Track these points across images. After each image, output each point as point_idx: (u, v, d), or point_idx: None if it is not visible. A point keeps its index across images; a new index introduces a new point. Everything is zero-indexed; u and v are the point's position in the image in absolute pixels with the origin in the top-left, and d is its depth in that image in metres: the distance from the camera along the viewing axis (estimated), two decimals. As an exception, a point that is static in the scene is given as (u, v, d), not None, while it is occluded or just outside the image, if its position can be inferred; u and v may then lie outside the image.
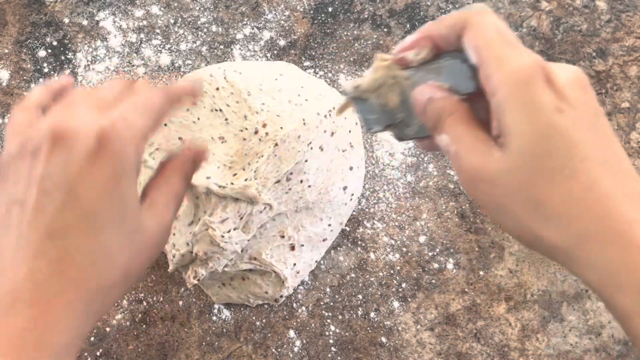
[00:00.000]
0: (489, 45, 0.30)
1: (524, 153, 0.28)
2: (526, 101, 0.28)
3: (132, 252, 0.31)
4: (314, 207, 0.53)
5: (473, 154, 0.30)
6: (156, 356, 0.55)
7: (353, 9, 0.67)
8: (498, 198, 0.30)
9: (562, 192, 0.28)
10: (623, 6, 0.66)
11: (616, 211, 0.27)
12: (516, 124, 0.28)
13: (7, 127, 0.33)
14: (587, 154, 0.28)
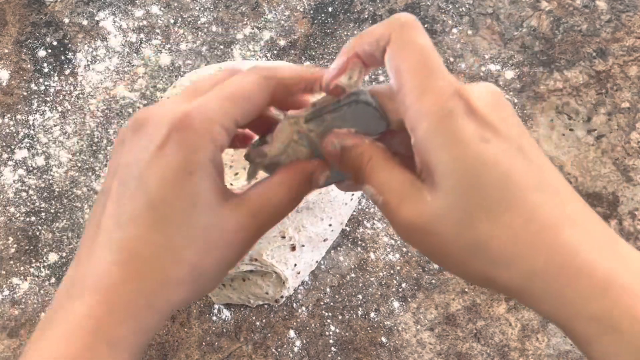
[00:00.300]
0: (409, 71, 0.27)
1: (455, 193, 0.26)
2: (449, 136, 0.26)
3: (201, 249, 0.29)
4: (315, 207, 0.53)
5: (403, 202, 0.28)
6: (156, 356, 0.55)
7: (353, 9, 0.67)
8: (438, 246, 0.27)
9: (502, 229, 0.26)
10: (623, 6, 0.66)
11: (560, 240, 0.25)
12: (442, 163, 0.26)
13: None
14: (520, 181, 0.26)
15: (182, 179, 0.28)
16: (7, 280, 0.57)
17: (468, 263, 0.27)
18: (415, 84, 0.27)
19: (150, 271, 0.28)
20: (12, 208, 0.60)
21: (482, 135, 0.26)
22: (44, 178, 0.61)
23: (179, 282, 0.29)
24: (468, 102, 0.26)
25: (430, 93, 0.26)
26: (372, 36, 0.29)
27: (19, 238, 0.58)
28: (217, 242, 0.29)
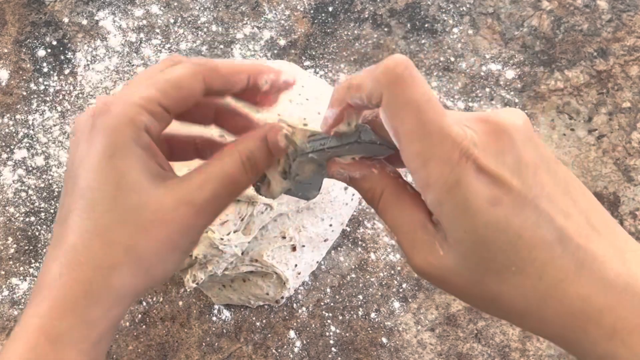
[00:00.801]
0: (408, 135, 0.26)
1: (467, 257, 0.27)
2: (458, 206, 0.26)
3: (133, 230, 0.29)
4: (315, 208, 0.53)
5: (415, 249, 0.28)
6: (156, 356, 0.55)
7: (353, 9, 0.66)
8: (453, 292, 0.29)
9: (512, 289, 0.27)
10: (624, 6, 0.66)
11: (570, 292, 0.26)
12: (453, 228, 0.26)
13: None
14: (531, 240, 0.26)
15: (104, 164, 0.29)
16: (7, 281, 0.57)
17: (483, 309, 0.29)
18: (417, 150, 0.26)
19: (84, 259, 0.29)
20: (11, 208, 0.59)
21: (493, 197, 0.26)
22: (44, 178, 0.60)
23: (113, 265, 0.29)
24: (476, 161, 0.26)
25: (434, 162, 0.26)
26: (362, 91, 0.28)
27: (18, 238, 0.58)
28: (151, 221, 0.29)
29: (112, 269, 0.29)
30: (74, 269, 0.29)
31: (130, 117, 0.29)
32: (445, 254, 0.27)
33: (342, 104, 0.29)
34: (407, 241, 0.29)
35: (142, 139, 0.29)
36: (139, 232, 0.29)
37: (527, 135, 0.27)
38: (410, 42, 0.65)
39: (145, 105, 0.29)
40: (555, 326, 0.27)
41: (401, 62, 0.26)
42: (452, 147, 0.26)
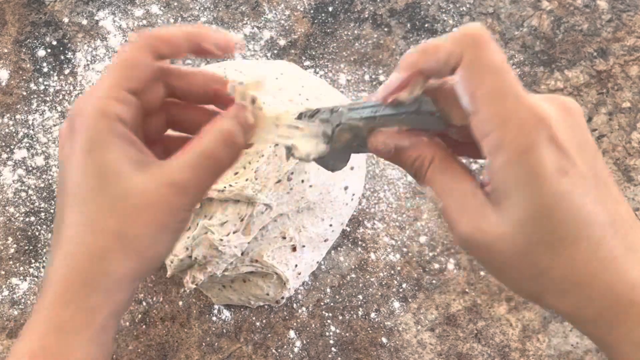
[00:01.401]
0: (487, 95, 0.27)
1: (524, 224, 0.27)
2: (529, 171, 0.26)
3: (121, 215, 0.30)
4: (315, 208, 0.53)
5: (465, 214, 0.28)
6: (156, 357, 0.55)
7: (353, 9, 0.66)
8: (494, 263, 0.28)
9: (564, 262, 0.27)
10: (624, 6, 0.66)
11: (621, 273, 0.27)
12: (517, 194, 0.26)
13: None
14: (589, 215, 0.27)
15: (86, 159, 0.30)
16: (7, 281, 0.57)
17: (524, 284, 0.28)
18: (494, 112, 0.26)
19: (78, 250, 0.30)
20: (11, 208, 0.59)
21: (561, 167, 0.26)
22: (44, 178, 0.60)
23: (105, 252, 0.30)
24: (550, 130, 0.26)
25: (511, 124, 0.26)
26: (440, 53, 0.28)
27: (18, 238, 0.58)
28: (137, 205, 0.30)
29: (105, 256, 0.30)
30: (71, 260, 0.30)
31: (101, 111, 0.30)
32: (499, 221, 0.27)
33: (413, 69, 0.29)
34: (456, 206, 0.29)
35: (117, 129, 0.30)
36: (126, 217, 0.30)
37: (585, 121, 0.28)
38: (410, 42, 0.65)
39: (111, 94, 0.31)
40: (598, 306, 0.27)
41: (481, 27, 0.27)
42: (529, 113, 0.26)
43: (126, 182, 0.30)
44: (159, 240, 0.31)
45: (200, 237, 0.49)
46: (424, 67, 0.28)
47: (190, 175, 0.31)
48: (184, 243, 0.50)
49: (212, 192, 0.49)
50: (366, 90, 0.63)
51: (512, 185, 0.27)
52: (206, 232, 0.49)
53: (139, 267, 0.31)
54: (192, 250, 0.50)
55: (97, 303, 0.30)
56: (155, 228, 0.30)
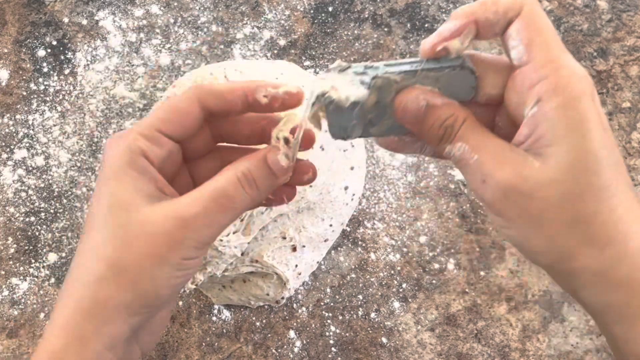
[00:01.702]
0: (544, 44, 0.28)
1: (572, 167, 0.27)
2: (579, 116, 0.27)
3: (119, 245, 0.29)
4: (315, 208, 0.53)
5: (504, 163, 0.28)
6: (156, 356, 0.55)
7: (353, 9, 0.66)
8: (534, 212, 0.28)
9: (606, 210, 0.27)
10: (624, 6, 0.66)
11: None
12: (567, 138, 0.27)
13: None
14: (623, 173, 0.28)
15: (100, 189, 0.31)
16: (7, 281, 0.57)
17: (562, 235, 0.28)
18: (551, 58, 0.28)
19: (76, 276, 0.30)
20: (11, 208, 0.59)
21: (603, 124, 0.28)
22: (44, 178, 0.60)
23: (98, 279, 0.30)
24: (592, 87, 0.28)
25: (564, 71, 0.27)
26: (499, 5, 0.29)
27: (18, 238, 0.58)
28: (136, 235, 0.29)
29: (97, 283, 0.29)
30: (70, 287, 0.30)
31: (126, 145, 0.31)
32: (545, 167, 0.27)
33: (469, 18, 0.29)
34: (493, 157, 0.29)
35: (137, 163, 0.31)
36: (123, 246, 0.30)
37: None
38: (410, 42, 0.65)
39: (142, 131, 0.31)
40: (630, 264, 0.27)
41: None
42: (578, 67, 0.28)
43: (133, 212, 0.30)
44: (155, 273, 0.30)
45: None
46: (482, 17, 0.29)
47: (199, 209, 0.30)
48: (184, 243, 0.50)
49: None
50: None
51: (562, 129, 0.27)
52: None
53: (132, 299, 0.30)
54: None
55: (90, 332, 0.29)
56: (151, 259, 0.30)
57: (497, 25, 0.29)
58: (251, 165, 0.31)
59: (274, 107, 0.33)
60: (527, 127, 0.28)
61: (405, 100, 0.31)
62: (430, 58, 0.31)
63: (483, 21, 0.29)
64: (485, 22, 0.29)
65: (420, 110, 0.30)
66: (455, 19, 0.30)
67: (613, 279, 0.28)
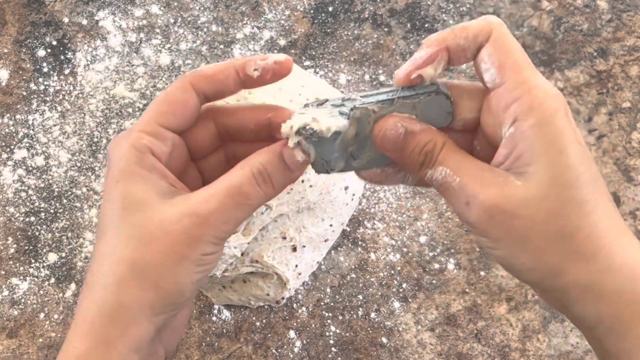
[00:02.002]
0: (515, 65, 0.29)
1: (553, 183, 0.27)
2: (556, 132, 0.28)
3: (137, 244, 0.29)
4: (316, 208, 0.53)
5: (486, 184, 0.28)
6: (156, 357, 0.55)
7: (353, 9, 0.66)
8: (520, 230, 0.28)
9: (589, 224, 0.28)
10: (624, 6, 0.66)
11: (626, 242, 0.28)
12: (544, 154, 0.27)
13: None
14: (602, 187, 0.28)
15: (111, 191, 0.30)
16: (7, 281, 0.57)
17: (548, 252, 0.28)
18: (523, 79, 0.28)
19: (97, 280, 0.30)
20: (11, 208, 0.59)
21: (578, 139, 0.28)
22: (44, 178, 0.60)
23: (120, 281, 0.29)
24: (565, 104, 0.29)
25: (539, 89, 0.28)
26: (468, 31, 0.30)
27: (18, 238, 0.58)
28: (154, 234, 0.29)
29: (119, 285, 0.29)
30: (90, 291, 0.30)
31: (131, 144, 0.30)
32: (526, 185, 0.28)
33: (440, 45, 0.30)
34: (476, 180, 0.29)
35: (147, 161, 0.30)
36: (142, 246, 0.29)
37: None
38: (410, 42, 0.65)
39: (144, 128, 0.31)
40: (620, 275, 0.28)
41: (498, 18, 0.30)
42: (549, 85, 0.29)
43: (148, 211, 0.30)
44: (177, 271, 0.30)
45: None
46: (453, 44, 0.30)
47: (215, 206, 0.30)
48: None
49: None
50: (366, 90, 0.63)
51: (539, 147, 0.27)
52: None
53: (156, 299, 0.30)
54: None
55: (114, 336, 0.29)
56: (171, 257, 0.30)
57: (469, 51, 0.30)
58: (266, 161, 0.31)
59: (266, 79, 0.33)
60: (506, 147, 0.29)
61: (384, 128, 0.31)
62: (405, 86, 0.31)
63: (454, 47, 0.30)
64: (457, 48, 0.30)
65: (399, 137, 0.30)
66: (428, 47, 0.30)
67: (602, 291, 0.28)
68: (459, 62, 0.31)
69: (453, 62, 0.31)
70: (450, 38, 0.30)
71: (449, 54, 0.30)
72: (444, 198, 0.31)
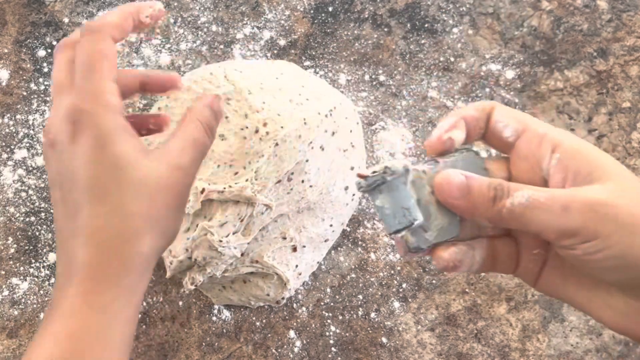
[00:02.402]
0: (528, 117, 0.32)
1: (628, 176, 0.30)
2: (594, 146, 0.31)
3: (145, 199, 0.32)
4: (316, 208, 0.53)
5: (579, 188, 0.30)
6: (156, 356, 0.55)
7: (353, 9, 0.66)
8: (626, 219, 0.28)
9: None
10: (624, 6, 0.66)
11: None
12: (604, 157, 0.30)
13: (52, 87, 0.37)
14: None
15: (100, 155, 0.32)
16: (7, 281, 0.57)
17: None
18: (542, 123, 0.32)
19: (109, 235, 0.32)
20: (11, 208, 0.59)
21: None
22: (44, 178, 0.60)
23: (137, 234, 0.32)
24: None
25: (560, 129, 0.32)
26: (477, 105, 0.34)
27: (18, 238, 0.58)
28: (157, 189, 0.33)
29: (137, 238, 0.33)
30: (103, 247, 0.32)
31: (106, 107, 0.33)
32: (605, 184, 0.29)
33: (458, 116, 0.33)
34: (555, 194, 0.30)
35: (121, 122, 0.33)
36: (150, 201, 0.33)
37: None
38: (410, 42, 0.65)
39: (108, 89, 0.33)
40: None
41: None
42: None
43: (141, 169, 0.33)
44: (177, 218, 0.35)
45: (200, 239, 0.49)
46: (467, 115, 0.33)
47: (190, 158, 0.34)
48: (183, 244, 0.50)
49: (212, 194, 0.49)
50: (366, 91, 0.63)
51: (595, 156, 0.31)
52: (206, 234, 0.49)
53: (162, 246, 0.34)
54: (192, 252, 0.50)
55: (134, 283, 0.33)
56: (173, 208, 0.34)
57: (481, 120, 0.33)
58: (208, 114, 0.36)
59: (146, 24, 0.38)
60: (558, 172, 0.30)
61: (446, 175, 0.31)
62: (438, 153, 0.33)
63: (469, 118, 0.33)
64: (471, 118, 0.33)
65: (463, 182, 0.31)
66: (449, 117, 0.33)
67: None
68: (474, 133, 0.34)
69: (469, 133, 0.33)
70: (464, 111, 0.33)
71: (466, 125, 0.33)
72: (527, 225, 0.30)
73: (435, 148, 0.33)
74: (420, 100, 0.63)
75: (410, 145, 0.61)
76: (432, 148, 0.33)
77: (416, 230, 0.32)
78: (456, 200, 0.31)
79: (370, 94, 0.63)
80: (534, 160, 0.31)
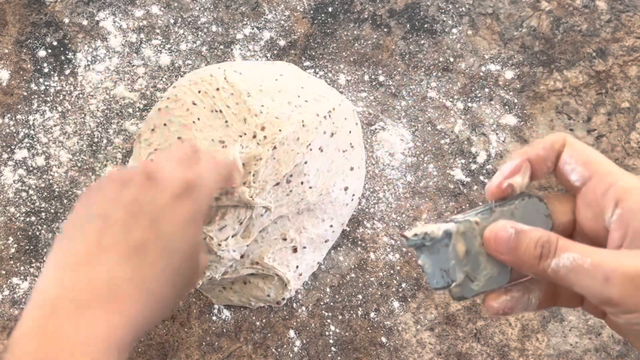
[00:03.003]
0: (599, 159, 0.31)
1: None
2: None
3: (183, 288, 0.36)
4: (316, 209, 0.53)
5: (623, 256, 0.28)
6: (156, 356, 0.55)
7: (353, 9, 0.67)
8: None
9: None
10: (623, 6, 0.66)
11: None
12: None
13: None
14: None
15: (190, 226, 0.35)
16: (7, 280, 0.57)
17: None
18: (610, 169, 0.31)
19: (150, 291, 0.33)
20: (12, 208, 0.60)
21: None
22: (44, 178, 0.61)
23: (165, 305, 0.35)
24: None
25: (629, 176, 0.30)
26: (545, 142, 0.32)
27: (19, 238, 0.59)
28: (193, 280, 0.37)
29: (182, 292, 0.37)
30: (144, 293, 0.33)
31: (210, 196, 0.38)
32: None
33: (523, 156, 0.32)
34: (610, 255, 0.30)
35: (208, 213, 0.38)
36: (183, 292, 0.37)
37: None
38: (410, 42, 0.65)
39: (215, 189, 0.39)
40: None
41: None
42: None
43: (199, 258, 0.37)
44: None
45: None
46: (534, 154, 0.32)
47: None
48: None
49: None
50: (365, 91, 0.63)
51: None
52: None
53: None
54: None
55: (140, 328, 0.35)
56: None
57: (549, 159, 0.32)
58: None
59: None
60: (618, 229, 0.29)
61: (495, 230, 0.31)
62: (497, 199, 0.32)
63: (535, 158, 0.32)
64: (537, 158, 0.32)
65: (511, 236, 0.31)
66: (512, 160, 0.32)
67: None
68: (542, 172, 0.33)
69: (536, 172, 0.32)
70: (532, 150, 0.32)
71: (532, 166, 0.32)
72: (572, 286, 0.30)
73: (494, 195, 0.32)
74: (420, 100, 0.63)
75: (410, 146, 0.61)
76: (491, 195, 0.32)
77: (463, 281, 0.32)
78: (503, 255, 0.31)
79: (369, 94, 0.63)
80: (598, 210, 0.30)
